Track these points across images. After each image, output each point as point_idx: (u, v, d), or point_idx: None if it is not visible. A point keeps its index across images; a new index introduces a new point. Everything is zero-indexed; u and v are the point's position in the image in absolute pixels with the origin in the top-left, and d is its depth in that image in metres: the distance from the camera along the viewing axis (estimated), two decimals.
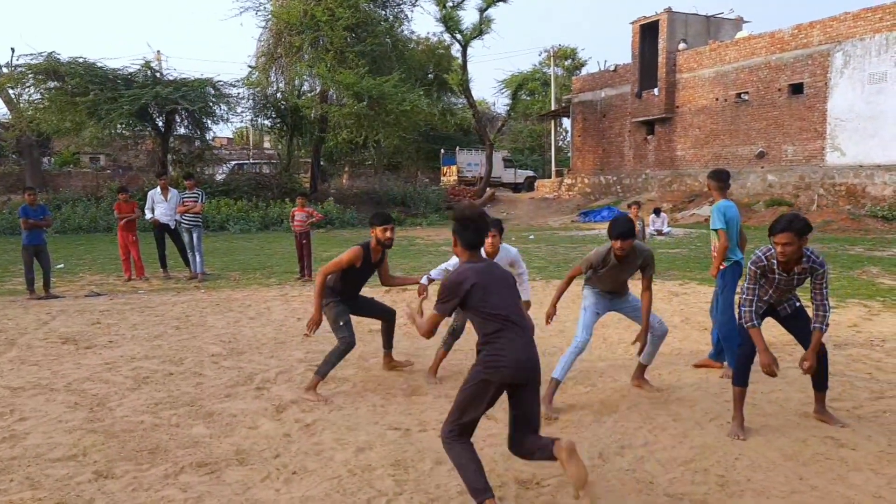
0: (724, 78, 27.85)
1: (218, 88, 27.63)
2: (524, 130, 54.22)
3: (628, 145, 32.63)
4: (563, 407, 5.33)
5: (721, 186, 6.32)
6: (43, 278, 10.51)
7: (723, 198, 6.32)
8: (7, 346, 7.16)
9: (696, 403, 5.38)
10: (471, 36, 33.55)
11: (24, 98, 28.58)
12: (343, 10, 26.61)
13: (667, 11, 29.84)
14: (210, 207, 24.54)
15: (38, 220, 10.53)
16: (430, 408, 5.29)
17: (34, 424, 4.82)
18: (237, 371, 6.25)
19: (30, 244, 10.42)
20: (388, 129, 27.60)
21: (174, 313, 9.01)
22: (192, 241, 12.25)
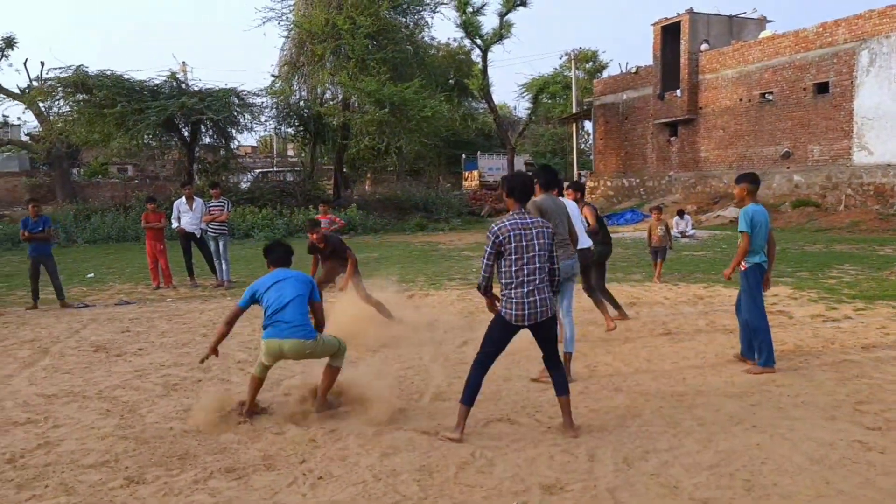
0: (748, 78, 27.59)
1: (242, 98, 27.97)
2: (545, 134, 54.07)
3: (651, 147, 32.43)
4: (587, 412, 5.34)
5: (753, 189, 6.47)
6: (54, 288, 10.63)
7: (753, 201, 6.44)
8: (41, 355, 7.33)
9: (721, 407, 5.35)
10: (491, 41, 33.65)
11: (53, 111, 29.18)
12: (364, 19, 26.83)
13: (688, 12, 29.65)
14: (235, 216, 24.82)
15: (36, 232, 10.61)
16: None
17: (68, 431, 4.94)
18: None
19: (31, 255, 10.59)
20: (410, 135, 27.73)
21: (201, 321, 9.15)
22: (219, 249, 12.42)
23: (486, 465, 4.34)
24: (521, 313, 4.75)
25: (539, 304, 4.78)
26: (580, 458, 4.43)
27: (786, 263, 14.02)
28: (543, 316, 4.82)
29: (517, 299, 4.75)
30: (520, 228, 4.79)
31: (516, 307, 4.75)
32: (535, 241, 4.80)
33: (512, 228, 4.77)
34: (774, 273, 12.59)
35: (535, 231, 4.82)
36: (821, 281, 11.48)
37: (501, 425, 5.06)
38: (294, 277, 5.37)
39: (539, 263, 4.81)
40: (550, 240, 4.90)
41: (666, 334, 7.99)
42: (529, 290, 4.76)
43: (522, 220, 4.83)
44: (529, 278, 4.76)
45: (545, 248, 4.84)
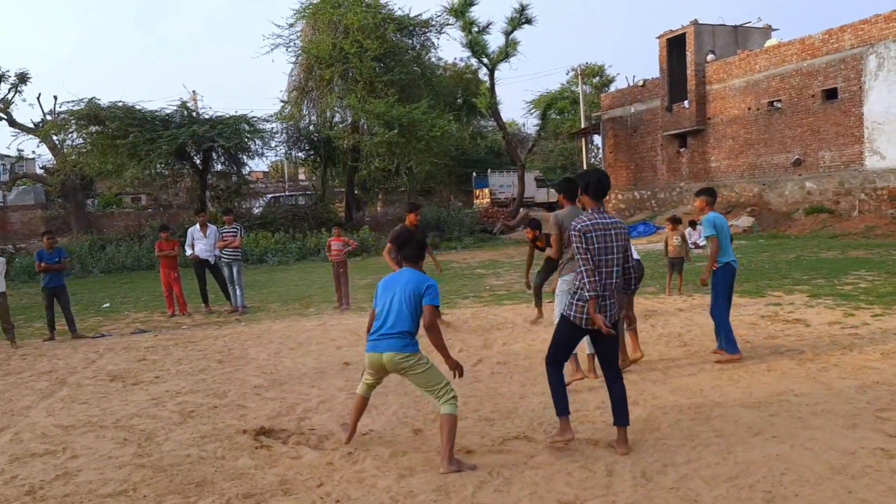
0: (756, 87, 27.56)
1: (252, 124, 28.22)
2: (555, 149, 54.17)
3: (661, 159, 32.39)
4: (603, 426, 5.30)
5: (712, 202, 7.37)
6: (66, 320, 10.68)
7: (712, 211, 7.32)
8: (58, 385, 7.38)
9: (740, 418, 5.30)
10: (497, 59, 33.79)
11: (67, 143, 29.59)
12: (371, 42, 27.10)
13: (693, 24, 29.73)
14: (248, 241, 24.97)
15: (52, 263, 10.71)
16: (471, 431, 5.31)
17: (86, 461, 4.96)
18: (279, 402, 6.34)
19: (46, 286, 10.66)
20: (420, 155, 27.86)
21: (217, 347, 9.19)
22: (233, 275, 12.49)
23: (504, 484, 4.31)
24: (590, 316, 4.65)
25: (609, 307, 4.72)
26: (598, 473, 4.39)
27: (801, 271, 13.91)
28: (611, 320, 4.74)
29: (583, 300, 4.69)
30: (602, 228, 4.68)
31: (588, 310, 4.66)
32: (615, 242, 4.69)
33: (594, 228, 4.66)
34: (790, 281, 12.55)
35: (614, 231, 4.72)
36: (837, 287, 11.37)
37: (518, 443, 5.03)
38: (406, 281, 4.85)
39: (616, 266, 4.72)
40: (627, 241, 4.82)
41: (682, 346, 7.94)
42: (605, 293, 4.68)
43: (602, 220, 4.71)
44: (607, 282, 4.69)
45: (622, 250, 4.76)
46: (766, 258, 16.93)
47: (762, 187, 27.56)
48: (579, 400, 5.98)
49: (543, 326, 9.32)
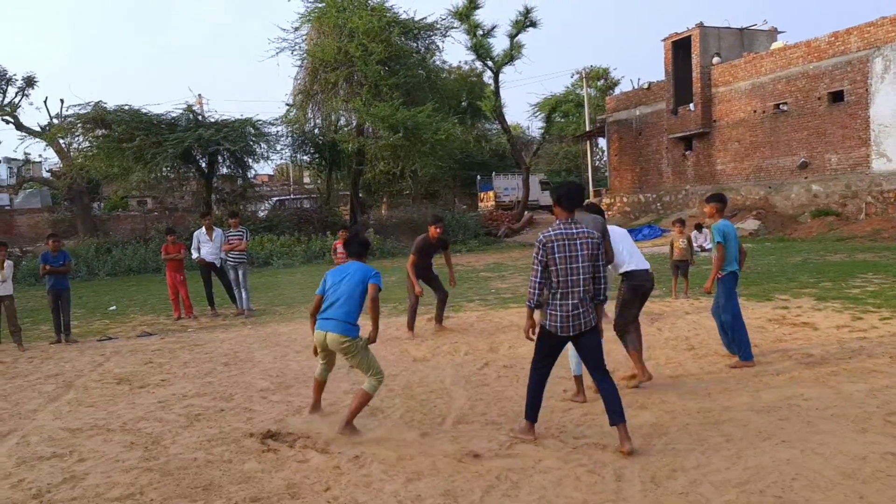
0: (762, 89, 27.50)
1: (258, 128, 28.26)
2: (560, 152, 54.15)
3: (666, 162, 32.34)
4: (613, 430, 5.27)
5: (722, 208, 7.28)
6: (63, 323, 10.67)
7: (721, 218, 7.25)
8: (65, 389, 7.38)
9: (749, 423, 5.27)
10: (502, 62, 33.79)
11: (73, 147, 29.68)
12: (376, 45, 27.12)
13: (699, 26, 29.69)
14: (254, 244, 24.98)
15: (57, 266, 10.72)
16: (478, 435, 5.28)
17: (93, 465, 4.96)
18: (286, 405, 6.33)
19: (52, 289, 10.64)
20: (425, 158, 27.86)
21: (223, 350, 9.18)
22: (239, 277, 12.49)
23: (512, 489, 4.29)
24: (566, 324, 4.84)
25: (582, 315, 4.83)
26: (607, 478, 4.37)
27: (808, 274, 13.86)
28: (587, 326, 4.87)
29: (561, 311, 4.82)
30: (564, 238, 4.82)
31: (560, 318, 4.84)
32: (581, 252, 4.81)
33: (557, 238, 4.81)
34: (797, 284, 12.49)
35: (580, 241, 4.84)
36: (845, 291, 11.32)
37: (526, 447, 5.00)
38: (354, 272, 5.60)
39: (584, 275, 4.82)
40: (597, 250, 4.88)
41: (689, 349, 7.91)
42: (575, 301, 4.81)
43: (568, 230, 4.86)
44: (574, 290, 4.80)
45: (590, 259, 4.83)
46: (773, 261, 16.88)
47: (768, 190, 27.49)
48: (585, 403, 5.96)
49: None
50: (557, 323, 4.85)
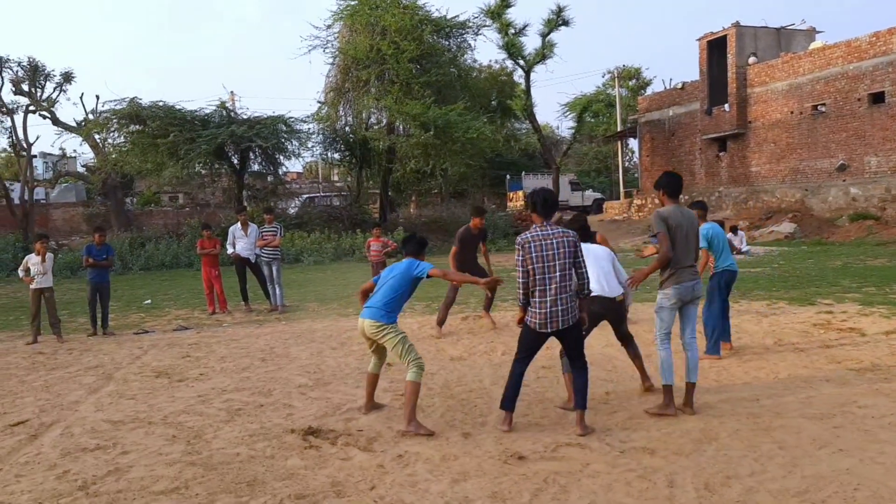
0: (799, 90, 27.02)
1: (289, 125, 28.39)
2: (590, 153, 53.76)
3: (699, 163, 31.93)
4: (660, 434, 5.15)
5: (703, 214, 7.61)
6: (101, 316, 10.76)
7: (705, 222, 7.60)
8: (105, 381, 7.42)
9: (802, 430, 5.11)
10: (533, 61, 33.64)
11: (108, 142, 30.09)
12: (408, 44, 27.10)
13: (735, 26, 29.25)
14: (285, 241, 25.09)
15: (100, 259, 10.81)
16: (521, 437, 5.19)
17: (136, 458, 4.95)
18: (325, 401, 6.29)
19: (91, 281, 10.73)
20: (455, 157, 27.82)
21: (259, 345, 9.19)
22: (273, 273, 12.51)
23: (561, 492, 4.19)
24: (544, 321, 5.10)
25: (561, 312, 5.07)
26: (659, 484, 4.25)
27: (850, 278, 13.55)
28: (566, 324, 5.11)
29: (539, 308, 5.09)
30: (540, 239, 5.09)
31: (539, 316, 5.11)
32: (556, 251, 5.06)
33: (533, 240, 5.10)
34: (839, 288, 12.20)
35: (555, 241, 5.09)
36: (890, 296, 11.03)
37: (572, 450, 4.90)
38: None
39: (559, 272, 5.06)
40: (573, 248, 5.12)
41: (732, 353, 7.73)
42: (552, 298, 5.04)
43: (543, 231, 5.12)
44: (551, 287, 5.05)
45: (567, 257, 5.08)
46: (812, 265, 16.55)
47: (804, 193, 27.00)
48: (629, 406, 5.84)
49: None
50: (536, 319, 5.13)
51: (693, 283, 5.70)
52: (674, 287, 5.63)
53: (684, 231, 5.64)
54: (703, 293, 5.91)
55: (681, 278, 5.64)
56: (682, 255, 5.63)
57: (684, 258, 5.65)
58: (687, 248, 5.67)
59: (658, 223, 5.61)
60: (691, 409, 5.62)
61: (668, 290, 5.66)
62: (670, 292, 5.65)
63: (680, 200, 5.90)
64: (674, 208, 5.71)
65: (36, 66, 29.91)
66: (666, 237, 5.57)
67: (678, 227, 5.61)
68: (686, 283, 5.65)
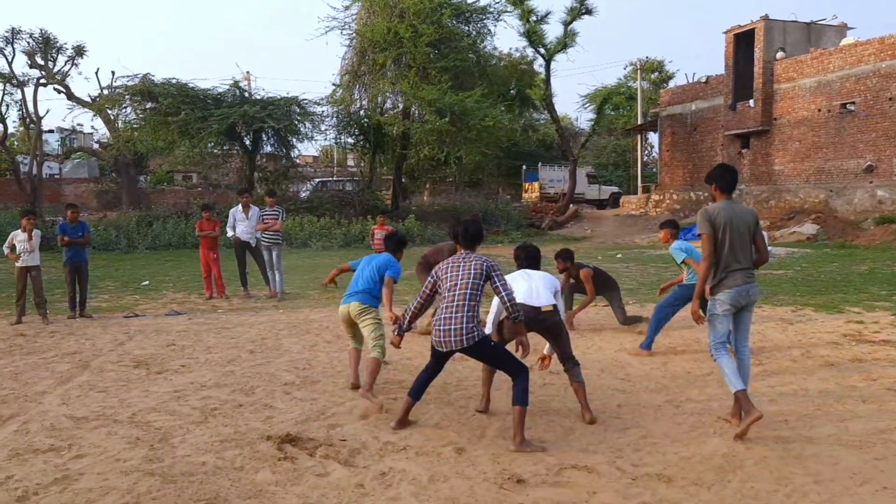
0: (828, 87, 26.12)
1: (303, 107, 27.91)
2: (608, 145, 52.86)
3: (721, 160, 31.01)
4: (677, 459, 4.58)
5: (676, 234, 7.87)
6: (79, 298, 10.28)
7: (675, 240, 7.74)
8: (79, 369, 6.94)
9: (839, 461, 4.52)
10: (555, 50, 32.85)
11: (121, 119, 29.73)
12: (426, 27, 26.46)
13: (763, 19, 28.34)
14: (293, 224, 24.64)
15: (76, 237, 10.32)
16: (521, 455, 4.63)
17: (90, 463, 4.44)
18: (310, 403, 5.77)
19: (69, 261, 10.23)
20: (470, 145, 27.22)
21: (250, 335, 8.69)
22: (273, 259, 12.04)
23: None
24: (438, 340, 4.97)
25: (453, 332, 4.89)
26: None
27: (878, 285, 12.85)
28: (457, 345, 4.90)
29: (436, 325, 5.01)
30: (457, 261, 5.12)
31: (434, 333, 5.03)
32: (461, 272, 5.02)
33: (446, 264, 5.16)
34: (868, 296, 11.52)
35: (463, 265, 5.05)
36: None
37: (577, 474, 4.34)
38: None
39: (459, 291, 4.95)
40: (482, 271, 5.00)
41: (757, 365, 7.10)
42: (445, 317, 4.93)
43: (459, 258, 5.13)
44: (446, 304, 4.97)
45: (471, 280, 4.97)
46: (836, 269, 15.83)
47: (829, 194, 26.17)
48: (644, 422, 5.27)
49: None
50: (433, 336, 5.04)
51: (748, 287, 5.13)
52: (726, 291, 5.10)
53: (736, 230, 5.10)
54: (759, 297, 5.32)
55: (734, 282, 5.10)
56: (732, 257, 5.09)
57: (735, 259, 5.09)
58: (740, 248, 5.12)
59: (702, 223, 5.10)
60: (738, 419, 5.09)
61: (720, 296, 5.13)
62: (723, 297, 5.12)
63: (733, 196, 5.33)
64: (725, 204, 5.17)
65: (48, 38, 29.54)
66: (709, 240, 5.07)
67: (727, 225, 5.06)
68: (740, 287, 5.10)
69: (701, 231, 5.14)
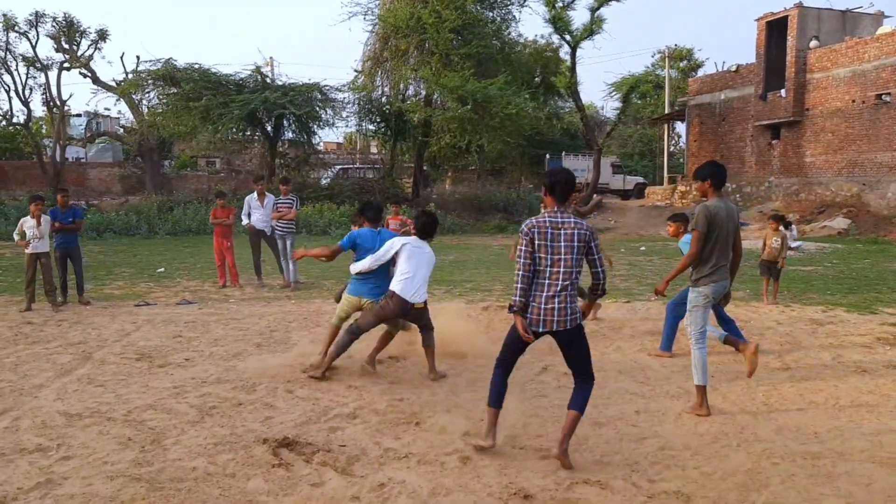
0: (863, 77, 25.31)
1: (324, 93, 27.70)
2: (634, 135, 52.05)
3: (750, 151, 30.37)
4: (697, 475, 4.28)
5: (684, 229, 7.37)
6: (76, 284, 10.12)
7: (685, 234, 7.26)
8: (82, 361, 6.77)
9: (873, 481, 4.19)
10: (581, 37, 32.17)
11: (144, 103, 29.75)
12: (450, 12, 26.03)
13: (797, 7, 27.52)
14: (313, 212, 24.48)
15: (66, 223, 10.10)
16: (530, 467, 4.36)
17: (76, 466, 4.24)
18: (312, 403, 5.54)
19: (58, 247, 10.00)
20: (492, 133, 26.79)
21: (258, 328, 8.48)
22: (286, 248, 11.84)
23: None
24: (537, 318, 4.36)
25: (558, 311, 4.35)
26: None
27: None
28: (560, 326, 4.36)
29: (535, 303, 4.37)
30: (550, 227, 4.37)
31: (533, 311, 4.37)
32: (563, 243, 4.36)
33: (539, 226, 4.38)
34: None
35: (564, 232, 4.36)
36: None
37: (589, 490, 4.06)
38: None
39: (564, 268, 4.35)
40: (588, 242, 4.40)
41: (784, 369, 6.77)
42: (549, 294, 4.34)
43: (554, 219, 4.41)
44: (552, 281, 4.35)
45: (578, 251, 4.38)
46: (868, 266, 15.30)
47: (862, 187, 25.42)
48: (662, 431, 4.96)
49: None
50: (530, 314, 4.42)
51: (726, 282, 5.54)
52: (711, 285, 5.43)
53: (727, 228, 5.42)
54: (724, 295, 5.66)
55: (720, 277, 5.46)
56: (721, 254, 5.43)
57: (724, 256, 5.46)
58: (727, 245, 5.47)
59: (702, 221, 5.30)
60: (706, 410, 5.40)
61: (703, 289, 5.45)
62: (707, 291, 5.44)
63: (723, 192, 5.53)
64: (721, 203, 5.44)
65: (71, 21, 29.55)
66: (700, 238, 5.35)
67: (722, 223, 5.37)
68: (722, 282, 5.49)
69: (697, 227, 5.35)
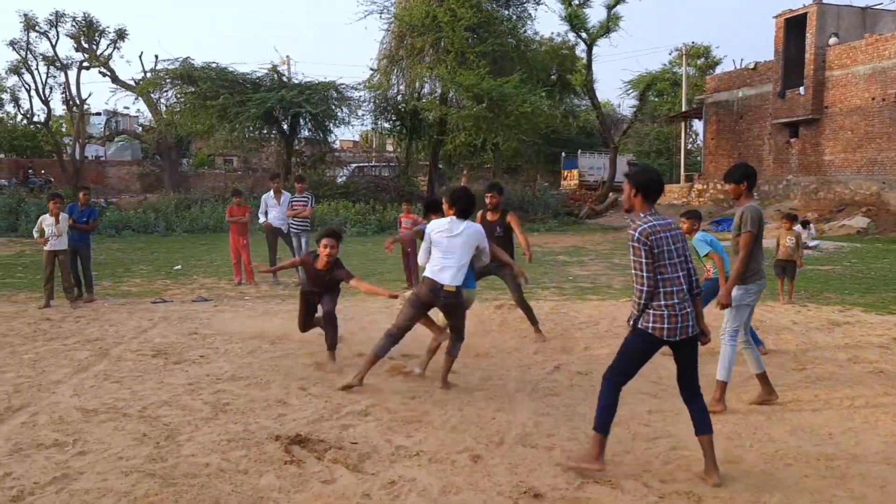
0: (883, 75, 25.01)
1: (340, 91, 27.79)
2: (651, 133, 51.76)
3: (768, 149, 30.12)
4: (721, 480, 4.26)
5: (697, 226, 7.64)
6: (84, 282, 10.21)
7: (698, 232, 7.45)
8: (98, 358, 6.86)
9: (888, 483, 4.16)
10: (597, 34, 32.08)
11: (162, 102, 30.03)
12: (465, 11, 26.04)
13: (816, 4, 27.24)
14: (329, 210, 24.58)
15: (81, 222, 10.16)
16: (541, 466, 4.37)
17: (92, 461, 4.30)
18: (324, 401, 5.57)
19: (69, 243, 10.00)
20: (508, 131, 26.76)
21: (273, 325, 8.54)
22: (302, 245, 11.92)
23: None
24: (673, 326, 4.11)
25: (689, 317, 4.18)
26: None
27: None
28: (687, 332, 4.17)
29: (665, 311, 4.10)
30: (663, 230, 4.15)
31: (667, 320, 4.10)
32: (676, 245, 4.19)
33: (653, 231, 4.12)
34: None
35: (674, 234, 4.21)
36: None
37: (600, 490, 4.06)
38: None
39: (682, 271, 4.21)
40: (685, 242, 4.33)
41: (800, 370, 6.72)
42: (679, 301, 4.14)
43: (662, 221, 4.20)
44: (678, 287, 4.15)
45: (686, 252, 4.28)
46: (887, 266, 15.14)
47: (881, 186, 25.12)
48: (675, 431, 4.95)
49: None
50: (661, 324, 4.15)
51: (765, 280, 5.75)
52: (758, 282, 5.59)
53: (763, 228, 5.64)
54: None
55: (762, 275, 5.67)
56: (761, 253, 5.63)
57: (762, 255, 5.69)
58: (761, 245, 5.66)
59: (754, 222, 5.45)
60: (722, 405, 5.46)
61: (752, 286, 5.57)
62: (755, 287, 5.59)
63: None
64: (758, 205, 5.68)
65: (91, 21, 29.87)
66: (752, 238, 5.46)
67: (762, 224, 5.59)
68: (764, 280, 5.69)
69: (750, 229, 5.43)
